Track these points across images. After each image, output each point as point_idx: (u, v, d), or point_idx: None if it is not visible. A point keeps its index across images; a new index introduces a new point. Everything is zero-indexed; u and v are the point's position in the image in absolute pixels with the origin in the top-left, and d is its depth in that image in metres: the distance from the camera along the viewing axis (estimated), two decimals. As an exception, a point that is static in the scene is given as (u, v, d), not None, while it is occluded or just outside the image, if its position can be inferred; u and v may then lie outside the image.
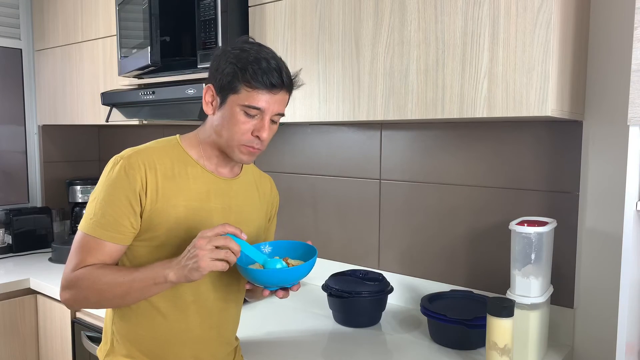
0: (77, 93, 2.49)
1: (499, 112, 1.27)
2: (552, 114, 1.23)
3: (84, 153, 3.01)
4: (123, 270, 1.13)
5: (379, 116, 1.49)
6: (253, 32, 1.77)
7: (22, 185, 2.83)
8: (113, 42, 2.23)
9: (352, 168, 1.98)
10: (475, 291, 1.66)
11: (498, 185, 1.64)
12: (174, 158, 1.20)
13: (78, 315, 1.99)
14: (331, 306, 1.70)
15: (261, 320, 1.71)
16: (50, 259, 2.44)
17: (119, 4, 2.05)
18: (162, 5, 1.83)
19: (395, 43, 1.44)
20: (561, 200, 1.53)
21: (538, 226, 1.35)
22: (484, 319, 1.33)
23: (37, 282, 2.14)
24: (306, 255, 1.22)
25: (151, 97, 1.88)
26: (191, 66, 1.79)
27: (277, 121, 1.19)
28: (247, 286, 1.22)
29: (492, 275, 1.66)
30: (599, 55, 1.46)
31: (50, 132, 2.86)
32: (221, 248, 1.05)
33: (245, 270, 1.13)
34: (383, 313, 1.71)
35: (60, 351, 2.09)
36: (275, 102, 1.14)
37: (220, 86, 1.14)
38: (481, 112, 1.30)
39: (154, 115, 2.00)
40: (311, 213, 2.11)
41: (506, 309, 1.27)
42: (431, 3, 1.37)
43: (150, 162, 1.15)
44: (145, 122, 2.18)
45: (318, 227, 2.10)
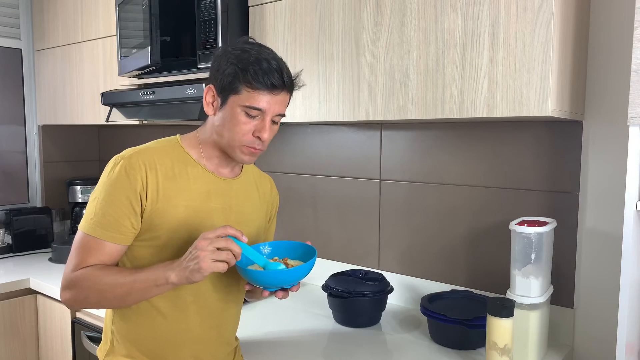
0: (77, 93, 2.49)
1: (499, 112, 1.28)
2: (552, 114, 1.23)
3: (84, 153, 3.01)
4: (124, 271, 1.13)
5: (379, 116, 1.49)
6: (253, 32, 1.77)
7: (22, 185, 2.83)
8: (113, 42, 2.23)
9: (352, 168, 1.98)
10: (475, 291, 1.66)
11: (498, 185, 1.64)
12: (175, 158, 1.20)
13: (78, 315, 1.99)
14: (331, 306, 1.70)
15: (261, 320, 1.71)
16: (50, 259, 2.45)
17: (119, 4, 2.05)
18: (162, 5, 1.83)
19: (395, 43, 1.44)
20: (561, 200, 1.53)
21: (538, 226, 1.36)
22: (484, 319, 1.33)
23: (37, 282, 2.14)
24: (306, 255, 1.21)
25: (151, 97, 1.88)
26: (191, 66, 1.79)
27: (278, 122, 1.19)
28: (247, 287, 1.22)
29: (492, 275, 1.66)
30: (599, 55, 1.46)
31: (50, 132, 2.86)
32: (222, 250, 1.05)
33: (244, 271, 1.13)
34: (383, 313, 1.71)
35: (60, 351, 2.09)
36: (276, 103, 1.14)
37: (221, 87, 1.14)
38: (481, 112, 1.30)
39: (154, 115, 2.00)
40: (311, 213, 2.11)
41: (506, 309, 1.27)
42: (431, 3, 1.37)
43: (150, 162, 1.15)
44: (145, 122, 2.18)
45: (318, 227, 2.10)
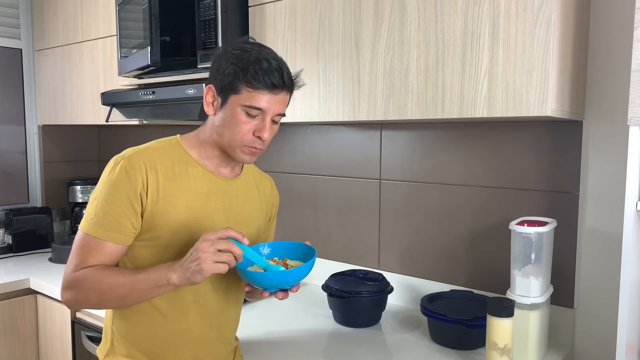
0: (77, 93, 2.49)
1: (499, 112, 1.28)
2: (552, 114, 1.23)
3: (84, 153, 3.01)
4: (125, 271, 1.13)
5: (379, 116, 1.49)
6: (253, 32, 1.77)
7: (22, 185, 2.83)
8: (113, 42, 2.23)
9: (352, 168, 1.98)
10: (475, 291, 1.66)
11: (498, 185, 1.64)
12: (175, 158, 1.20)
13: (78, 315, 1.99)
14: (331, 306, 1.70)
15: (261, 320, 1.71)
16: (50, 259, 2.45)
17: (119, 4, 2.05)
18: (162, 5, 1.83)
19: (395, 43, 1.44)
20: (561, 200, 1.53)
21: (538, 226, 1.35)
22: (484, 319, 1.33)
23: (37, 282, 2.14)
24: (305, 255, 1.21)
25: (151, 97, 1.88)
26: (191, 66, 1.79)
27: (278, 121, 1.19)
28: (247, 288, 1.21)
29: (492, 275, 1.66)
30: (599, 55, 1.46)
31: (50, 132, 2.86)
32: (223, 252, 1.05)
33: (244, 272, 1.12)
34: (383, 313, 1.71)
35: (60, 351, 2.09)
36: (276, 103, 1.14)
37: (221, 86, 1.14)
38: (481, 112, 1.30)
39: (154, 115, 2.00)
40: (311, 213, 2.11)
41: (506, 309, 1.27)
42: (431, 3, 1.37)
43: (151, 162, 1.15)
44: (145, 122, 2.18)
45: (318, 227, 2.10)
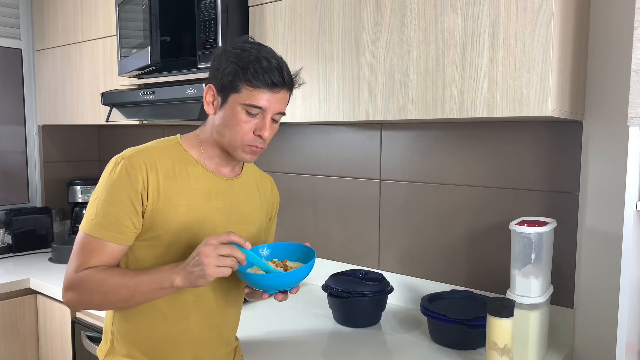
0: (77, 93, 2.49)
1: (499, 112, 1.28)
2: (552, 114, 1.23)
3: (84, 153, 3.01)
4: (128, 273, 1.13)
5: (379, 116, 1.49)
6: (253, 32, 1.77)
7: (22, 185, 2.83)
8: (113, 42, 2.23)
9: (352, 168, 1.98)
10: (475, 291, 1.66)
11: (498, 185, 1.64)
12: (175, 158, 1.20)
13: (78, 315, 1.99)
14: (331, 306, 1.70)
15: (261, 320, 1.71)
16: (50, 259, 2.45)
17: (119, 4, 2.05)
18: (162, 5, 1.83)
19: (395, 43, 1.44)
20: (561, 200, 1.53)
21: (538, 226, 1.35)
22: (484, 319, 1.33)
23: (37, 282, 2.14)
24: (305, 256, 1.21)
25: (151, 97, 1.88)
26: (191, 66, 1.79)
27: (279, 120, 1.19)
28: (246, 290, 1.21)
29: (492, 275, 1.66)
30: (599, 55, 1.46)
31: (50, 132, 2.86)
32: (226, 256, 1.05)
33: (244, 274, 1.12)
34: (383, 313, 1.71)
35: (60, 351, 2.09)
36: (276, 101, 1.14)
37: (221, 86, 1.14)
38: (481, 112, 1.30)
39: (154, 115, 2.00)
40: (311, 213, 2.11)
41: (506, 309, 1.27)
42: (431, 3, 1.37)
43: (151, 162, 1.15)
44: (145, 122, 2.18)
45: (318, 227, 2.10)
